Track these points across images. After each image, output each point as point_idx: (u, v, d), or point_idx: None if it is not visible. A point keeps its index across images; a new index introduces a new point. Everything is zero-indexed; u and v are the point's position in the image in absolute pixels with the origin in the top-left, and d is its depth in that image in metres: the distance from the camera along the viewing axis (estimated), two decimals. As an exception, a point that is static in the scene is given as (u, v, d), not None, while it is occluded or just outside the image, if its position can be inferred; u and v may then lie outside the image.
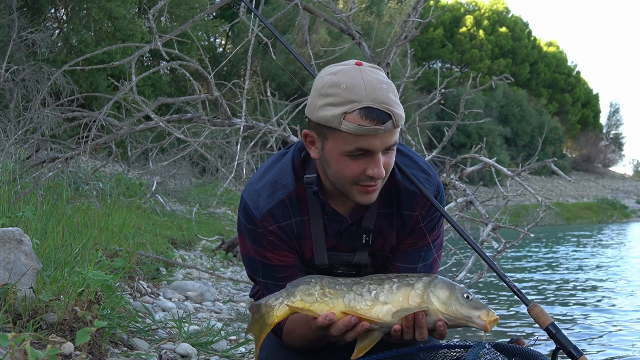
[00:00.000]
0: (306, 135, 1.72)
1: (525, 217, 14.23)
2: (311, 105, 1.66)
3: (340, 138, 1.62)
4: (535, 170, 23.78)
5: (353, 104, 1.58)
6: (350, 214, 1.82)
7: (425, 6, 5.26)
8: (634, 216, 36.20)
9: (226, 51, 24.13)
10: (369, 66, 1.67)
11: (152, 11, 4.51)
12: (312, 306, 1.62)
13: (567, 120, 49.61)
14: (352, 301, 1.62)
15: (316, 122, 1.65)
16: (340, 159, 1.65)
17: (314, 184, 1.78)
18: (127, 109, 5.73)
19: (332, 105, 1.60)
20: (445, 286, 1.61)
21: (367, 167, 1.64)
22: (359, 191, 1.69)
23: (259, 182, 1.84)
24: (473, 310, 1.58)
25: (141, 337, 2.88)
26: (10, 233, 2.37)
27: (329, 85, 1.62)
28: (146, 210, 8.47)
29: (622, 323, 5.65)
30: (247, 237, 1.83)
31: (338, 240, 1.84)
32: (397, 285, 1.62)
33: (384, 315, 1.60)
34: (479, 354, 1.59)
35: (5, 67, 7.77)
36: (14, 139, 5.83)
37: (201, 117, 5.12)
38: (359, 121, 1.58)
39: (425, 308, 1.58)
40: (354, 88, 1.59)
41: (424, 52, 41.73)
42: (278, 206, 1.79)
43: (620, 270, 10.01)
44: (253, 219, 1.79)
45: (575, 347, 1.66)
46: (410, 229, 1.85)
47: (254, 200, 1.80)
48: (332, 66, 1.69)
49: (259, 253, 1.83)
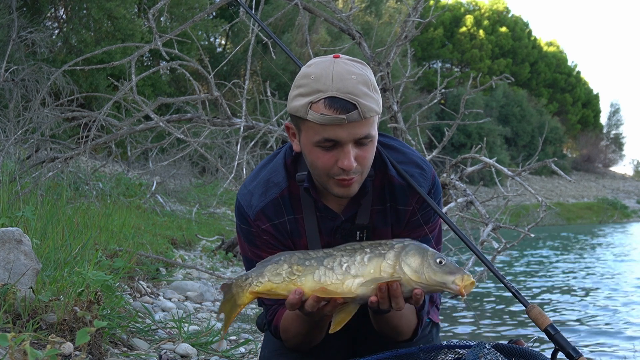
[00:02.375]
0: (287, 127, 1.74)
1: (526, 217, 14.24)
2: (289, 96, 1.68)
3: (309, 128, 1.64)
4: (535, 170, 23.75)
5: (318, 93, 1.60)
6: (343, 210, 1.82)
7: (425, 6, 5.26)
8: (635, 216, 36.19)
9: (226, 51, 24.13)
10: (348, 59, 1.67)
11: (152, 11, 4.51)
12: (280, 287, 1.58)
13: (567, 120, 49.59)
14: (323, 276, 1.56)
15: (290, 113, 1.68)
16: (312, 150, 1.66)
17: (304, 181, 1.78)
18: (127, 109, 5.74)
19: (301, 96, 1.63)
20: (417, 253, 1.55)
21: (338, 159, 1.64)
22: (335, 184, 1.69)
23: (252, 182, 1.85)
24: (447, 275, 1.52)
25: (141, 337, 2.88)
26: (10, 233, 2.37)
27: (301, 76, 1.65)
28: (146, 210, 8.47)
29: (621, 324, 5.65)
30: (243, 238, 1.86)
31: (332, 238, 1.83)
32: (368, 256, 1.56)
33: (355, 288, 1.55)
34: (479, 354, 1.59)
35: (5, 67, 7.77)
36: (14, 139, 5.83)
37: (201, 117, 5.12)
38: (322, 110, 1.59)
39: (397, 279, 1.53)
40: (321, 78, 1.60)
41: (424, 52, 41.73)
42: (270, 205, 1.80)
43: (620, 271, 10.00)
44: (247, 219, 1.81)
45: (574, 348, 1.66)
46: (405, 222, 1.85)
47: (247, 200, 1.82)
48: (314, 59, 1.70)
49: (255, 254, 1.84)
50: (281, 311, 1.88)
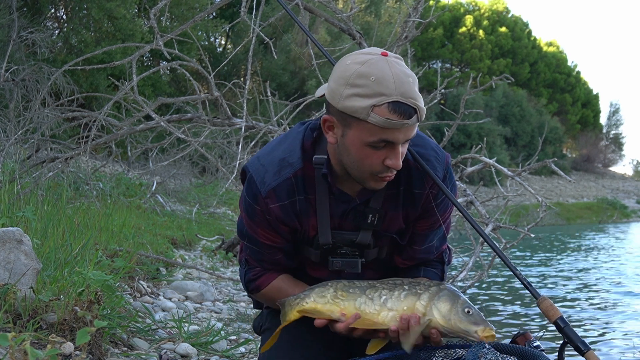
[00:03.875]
0: (325, 120, 1.72)
1: (526, 217, 14.25)
2: (336, 92, 1.66)
3: (364, 129, 1.64)
4: (535, 170, 23.74)
5: (382, 97, 1.60)
6: (357, 195, 1.84)
7: (426, 6, 5.26)
8: (634, 216, 36.17)
9: (226, 51, 24.12)
10: (394, 56, 1.68)
11: (153, 11, 4.51)
12: (324, 307, 1.73)
13: (567, 120, 49.57)
14: (363, 305, 1.70)
15: (340, 110, 1.66)
16: (362, 148, 1.67)
17: (323, 166, 1.79)
18: (127, 109, 5.74)
19: (360, 97, 1.61)
20: (448, 300, 1.66)
21: (387, 158, 1.67)
22: (374, 179, 1.73)
23: (267, 157, 1.84)
24: (472, 325, 1.63)
25: (141, 337, 2.88)
26: (10, 233, 2.37)
27: (357, 75, 1.62)
28: (146, 210, 8.47)
29: (629, 321, 5.66)
30: (244, 209, 1.87)
31: (343, 220, 1.85)
32: (405, 293, 1.68)
33: (388, 321, 1.67)
34: (479, 354, 1.59)
35: (5, 67, 7.76)
36: (14, 139, 5.83)
37: (201, 117, 5.12)
38: (387, 115, 1.60)
39: (426, 322, 1.65)
40: (383, 81, 1.60)
41: (424, 52, 41.73)
42: (283, 184, 1.80)
43: (624, 270, 10.00)
44: (256, 194, 1.81)
45: (583, 342, 1.66)
46: (422, 209, 1.87)
47: (260, 176, 1.81)
48: (357, 54, 1.68)
49: (250, 226, 1.87)
50: (269, 276, 1.94)
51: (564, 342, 1.69)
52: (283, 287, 1.92)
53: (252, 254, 1.94)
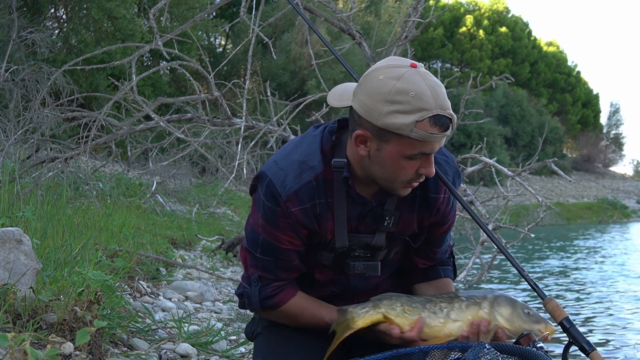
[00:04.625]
0: (359, 135, 1.72)
1: (526, 217, 14.26)
2: (373, 109, 1.65)
3: (405, 143, 1.66)
4: (535, 170, 23.66)
5: (423, 112, 1.62)
6: (373, 197, 1.85)
7: (426, 6, 5.25)
8: (634, 216, 36.19)
9: (226, 51, 24.12)
10: (421, 66, 1.70)
11: (152, 11, 4.51)
12: (397, 319, 1.82)
13: (567, 120, 49.58)
14: (428, 318, 1.81)
15: (380, 127, 1.66)
16: (399, 160, 1.70)
17: (344, 169, 1.79)
18: (127, 109, 5.73)
19: (402, 113, 1.62)
20: (508, 304, 1.79)
21: (421, 167, 1.71)
22: (404, 187, 1.77)
23: (285, 161, 1.82)
24: (534, 324, 1.76)
25: (141, 337, 2.88)
26: (10, 233, 2.37)
27: (395, 91, 1.63)
28: (146, 210, 8.46)
29: (634, 322, 5.66)
30: (262, 214, 1.82)
31: (360, 222, 1.86)
32: (466, 304, 1.81)
33: (456, 331, 1.80)
34: (479, 354, 1.59)
35: (5, 67, 7.76)
36: (14, 139, 5.83)
37: (201, 117, 5.12)
38: (429, 129, 1.63)
39: (494, 327, 1.78)
40: (423, 96, 1.62)
41: (424, 52, 41.73)
42: (305, 187, 1.79)
43: (625, 270, 10.00)
44: (277, 198, 1.78)
45: (588, 342, 1.68)
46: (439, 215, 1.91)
47: (280, 179, 1.79)
48: (388, 68, 1.67)
49: (270, 233, 1.82)
50: (289, 292, 1.89)
51: (569, 342, 1.71)
52: (305, 305, 1.90)
53: (266, 266, 1.87)
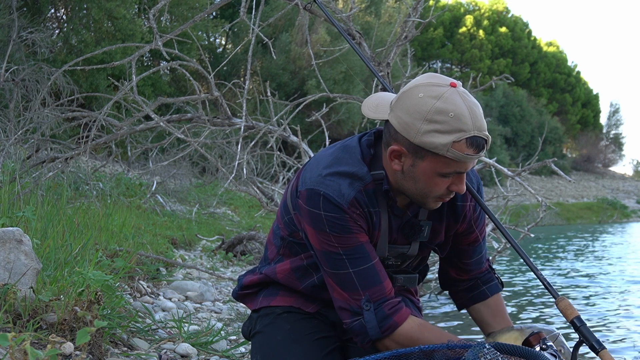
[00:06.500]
0: (394, 150, 1.74)
1: (526, 217, 14.24)
2: (412, 127, 1.67)
3: (440, 162, 1.69)
4: (535, 170, 23.73)
5: (461, 132, 1.64)
6: (408, 208, 1.89)
7: (425, 6, 5.26)
8: (634, 216, 36.19)
9: (226, 51, 24.12)
10: (461, 86, 1.72)
11: (152, 11, 4.51)
12: None
13: (567, 120, 49.61)
14: None
15: (417, 145, 1.68)
16: (433, 177, 1.72)
17: (384, 181, 1.82)
18: (127, 109, 5.74)
19: (440, 133, 1.64)
20: None
21: (453, 184, 1.74)
22: (436, 201, 1.80)
23: (332, 175, 1.80)
24: None
25: (141, 337, 2.88)
26: (10, 233, 2.37)
27: (435, 111, 1.64)
28: (146, 210, 8.46)
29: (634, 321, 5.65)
30: (329, 229, 1.77)
31: (399, 234, 1.90)
32: None
33: None
34: (479, 354, 1.59)
35: (5, 67, 7.76)
36: (14, 139, 5.83)
37: (201, 117, 5.12)
38: (465, 150, 1.65)
39: None
40: (462, 117, 1.64)
41: (424, 52, 41.75)
42: (359, 195, 1.80)
43: (626, 270, 9.99)
44: (340, 207, 1.77)
45: (598, 341, 1.70)
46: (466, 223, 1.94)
47: (336, 190, 1.77)
48: (428, 86, 1.68)
49: (344, 240, 1.78)
50: (406, 311, 1.82)
51: (580, 341, 1.73)
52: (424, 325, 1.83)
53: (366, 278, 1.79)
